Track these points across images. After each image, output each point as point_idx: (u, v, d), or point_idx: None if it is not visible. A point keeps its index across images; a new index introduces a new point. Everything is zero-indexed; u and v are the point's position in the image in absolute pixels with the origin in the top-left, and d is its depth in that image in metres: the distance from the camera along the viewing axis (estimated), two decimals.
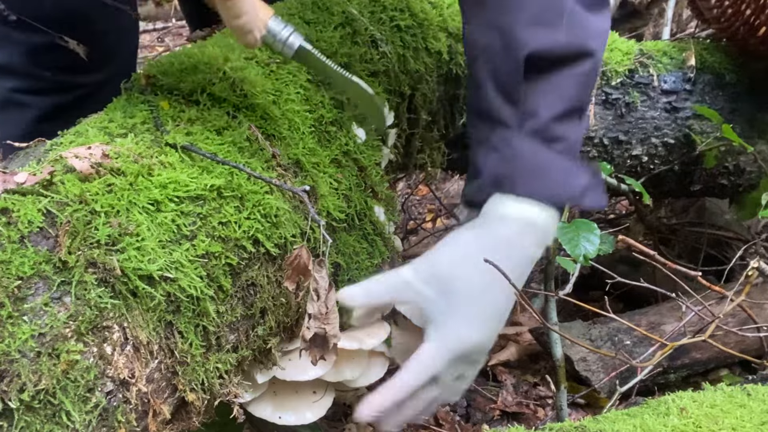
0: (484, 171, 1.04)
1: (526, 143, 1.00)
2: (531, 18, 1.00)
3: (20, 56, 1.40)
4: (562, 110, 1.01)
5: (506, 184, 1.01)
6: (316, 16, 1.23)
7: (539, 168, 1.00)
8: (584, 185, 1.03)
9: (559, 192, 1.01)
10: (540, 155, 1.00)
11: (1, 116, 1.49)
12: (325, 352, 0.96)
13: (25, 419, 0.70)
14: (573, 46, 1.00)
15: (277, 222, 0.96)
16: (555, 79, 1.00)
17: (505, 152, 1.02)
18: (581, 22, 1.00)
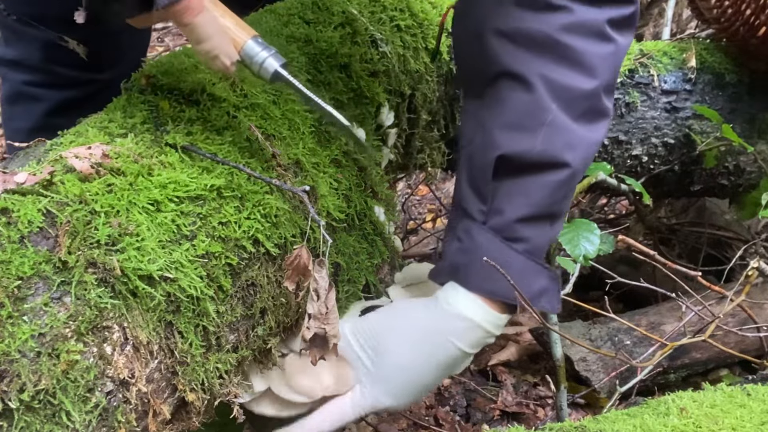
0: (446, 257, 1.07)
1: (487, 239, 1.01)
2: (510, 122, 1.01)
3: (34, 51, 1.41)
4: (528, 213, 1.01)
5: (461, 276, 1.03)
6: (316, 16, 1.23)
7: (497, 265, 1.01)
8: (541, 288, 1.03)
9: (509, 293, 1.01)
10: (499, 253, 1.00)
11: (13, 108, 1.51)
12: (325, 352, 0.96)
13: (25, 419, 0.70)
14: (546, 155, 1.00)
15: (277, 222, 0.96)
16: (524, 183, 1.01)
17: (465, 243, 1.03)
18: (562, 133, 1.00)
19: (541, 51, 0.99)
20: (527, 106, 1.00)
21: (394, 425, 1.64)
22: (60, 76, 1.43)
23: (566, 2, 0.99)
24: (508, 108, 1.01)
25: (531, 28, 0.99)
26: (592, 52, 1.00)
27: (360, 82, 1.20)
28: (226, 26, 0.88)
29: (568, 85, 0.99)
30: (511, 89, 1.01)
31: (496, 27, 1.01)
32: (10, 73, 1.49)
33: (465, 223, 1.04)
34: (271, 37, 1.15)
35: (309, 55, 1.15)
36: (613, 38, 1.01)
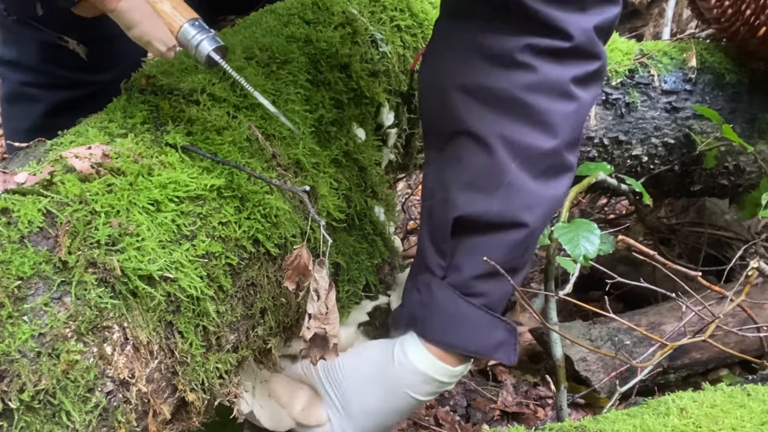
0: (406, 307, 1.09)
1: (446, 294, 1.03)
2: (468, 182, 1.01)
3: (32, 52, 1.41)
4: (486, 270, 1.02)
5: (419, 327, 1.05)
6: (317, 16, 1.23)
7: (453, 319, 1.03)
8: (497, 341, 1.05)
9: (468, 344, 1.04)
10: (456, 307, 1.02)
11: (12, 109, 1.51)
12: (326, 352, 0.96)
13: (25, 419, 0.70)
14: (504, 216, 1.00)
15: (277, 222, 0.96)
16: (482, 242, 1.02)
17: (424, 296, 1.05)
18: (520, 194, 1.00)
19: (503, 109, 0.99)
20: (485, 167, 1.00)
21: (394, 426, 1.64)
22: (58, 78, 1.43)
23: (531, 60, 0.98)
24: (466, 168, 1.02)
25: (494, 85, 1.00)
26: (553, 110, 1.00)
27: (360, 82, 1.20)
28: (161, 10, 0.86)
29: (529, 145, 0.99)
30: (469, 149, 1.01)
31: (460, 82, 1.02)
32: (9, 74, 1.49)
33: (425, 276, 1.06)
34: (271, 37, 1.15)
35: (309, 55, 1.15)
36: (577, 96, 1.01)
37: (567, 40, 0.98)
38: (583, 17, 0.98)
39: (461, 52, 1.03)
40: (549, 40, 0.98)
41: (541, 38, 0.98)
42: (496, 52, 1.00)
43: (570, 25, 0.97)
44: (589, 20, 0.98)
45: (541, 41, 0.98)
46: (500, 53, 0.99)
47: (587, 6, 0.98)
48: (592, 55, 1.00)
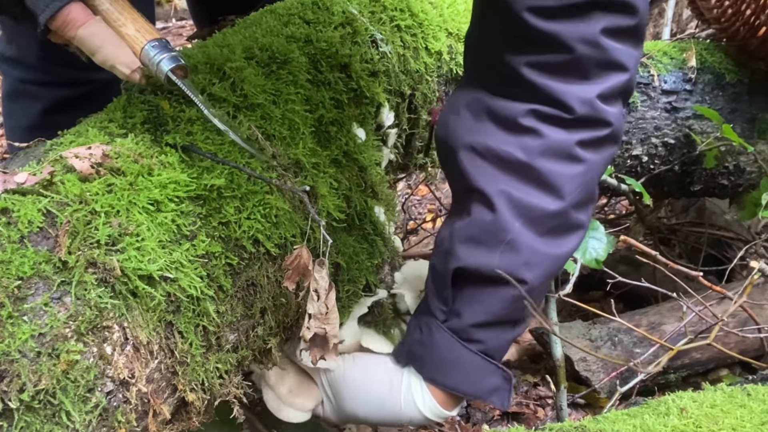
0: (407, 343, 1.12)
1: (444, 337, 1.05)
2: (471, 236, 1.03)
3: (32, 50, 1.42)
4: (484, 320, 1.04)
5: (417, 365, 1.08)
6: (316, 16, 1.23)
7: (449, 361, 1.05)
8: (492, 386, 1.07)
9: (462, 386, 1.07)
10: (452, 351, 1.05)
11: (12, 106, 1.51)
12: (326, 351, 0.96)
13: (25, 419, 0.70)
14: (503, 272, 1.01)
15: (278, 222, 0.96)
16: (481, 294, 1.04)
17: (425, 336, 1.07)
18: (522, 252, 1.01)
19: (509, 170, 1.01)
20: (488, 224, 1.02)
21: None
22: (58, 75, 1.43)
23: (535, 125, 0.99)
24: (471, 222, 1.03)
25: (500, 148, 1.01)
26: (559, 173, 1.00)
27: (360, 82, 1.20)
28: (125, 34, 0.86)
29: (534, 206, 1.00)
30: (476, 205, 1.03)
31: (469, 142, 1.04)
32: (10, 71, 1.49)
33: (427, 318, 1.08)
34: (271, 36, 1.15)
35: (309, 55, 1.15)
36: (583, 158, 1.01)
37: (568, 113, 0.99)
38: (584, 87, 0.98)
39: (473, 111, 1.06)
40: (552, 109, 0.99)
41: (544, 106, 0.99)
42: (503, 115, 1.02)
43: (569, 98, 0.98)
44: (591, 90, 0.98)
45: (545, 109, 0.99)
46: (507, 117, 1.01)
47: (590, 75, 0.98)
48: (598, 122, 1.00)
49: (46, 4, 0.82)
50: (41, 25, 0.82)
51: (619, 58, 0.98)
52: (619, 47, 0.97)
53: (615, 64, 0.98)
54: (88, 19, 0.84)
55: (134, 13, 0.88)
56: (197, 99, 0.89)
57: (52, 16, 0.82)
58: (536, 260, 1.02)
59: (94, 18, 0.85)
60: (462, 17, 1.45)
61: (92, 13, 0.85)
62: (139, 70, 0.87)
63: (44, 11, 0.82)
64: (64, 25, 0.83)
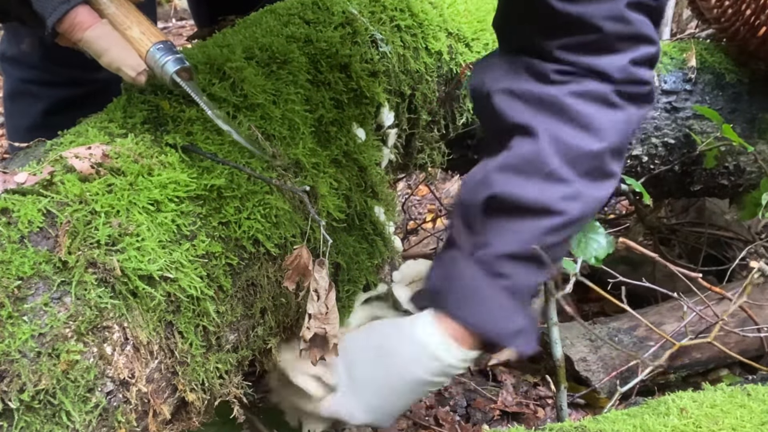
0: (430, 280, 1.10)
1: (470, 268, 1.03)
2: (509, 165, 1.03)
3: (33, 49, 1.42)
4: (514, 251, 1.02)
5: (439, 300, 1.05)
6: (317, 16, 1.23)
7: (473, 295, 1.02)
8: (517, 328, 1.04)
9: (486, 325, 1.02)
10: (479, 284, 1.02)
11: (14, 106, 1.52)
12: (326, 352, 0.96)
13: (25, 419, 0.70)
14: (539, 203, 1.01)
15: (278, 222, 0.96)
16: (514, 223, 1.03)
17: (449, 270, 1.05)
18: (560, 185, 1.02)
19: (549, 111, 1.02)
20: (529, 154, 1.02)
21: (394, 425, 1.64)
22: (59, 75, 1.43)
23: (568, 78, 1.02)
24: (510, 155, 1.04)
25: (540, 90, 1.03)
26: (598, 116, 1.02)
27: (360, 82, 1.20)
28: (130, 36, 0.87)
29: (574, 145, 1.02)
30: (516, 139, 1.04)
31: (507, 87, 1.06)
32: (11, 71, 1.49)
33: (452, 251, 1.06)
34: (271, 37, 1.15)
35: (309, 55, 1.15)
36: (622, 106, 1.03)
37: (608, 81, 1.02)
38: (617, 57, 1.01)
39: (510, 64, 1.08)
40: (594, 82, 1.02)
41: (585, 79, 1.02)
42: (536, 71, 1.04)
43: (607, 68, 1.01)
44: (624, 58, 1.01)
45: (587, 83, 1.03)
46: (539, 72, 1.04)
47: (622, 48, 1.01)
48: (635, 81, 1.03)
49: (54, 7, 0.82)
50: (49, 28, 0.83)
51: (646, 31, 1.01)
52: (644, 20, 1.00)
53: (643, 36, 1.01)
54: (94, 22, 0.85)
55: (140, 15, 0.88)
56: (202, 101, 0.90)
57: (60, 19, 0.83)
58: (574, 195, 1.02)
59: (101, 21, 0.85)
60: (462, 17, 1.45)
61: (99, 17, 0.85)
62: (145, 73, 0.88)
63: (52, 14, 0.82)
64: (71, 28, 0.84)
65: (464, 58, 1.44)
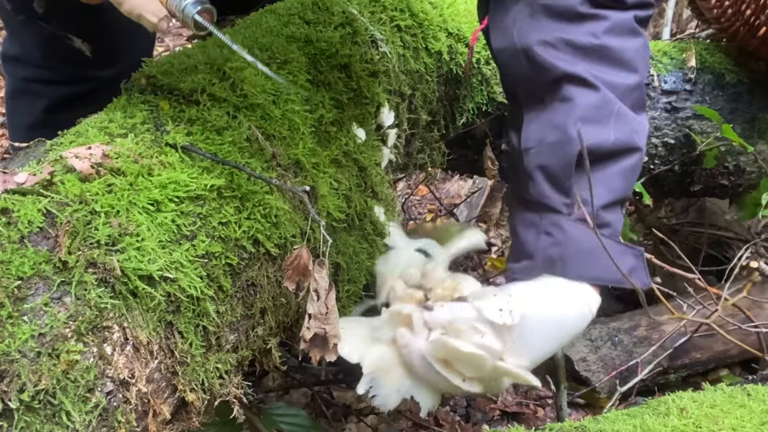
0: (536, 253, 1.10)
1: (578, 229, 1.07)
2: (583, 117, 1.07)
3: (35, 47, 1.42)
4: (609, 200, 1.08)
5: (558, 267, 1.07)
6: (316, 16, 1.23)
7: (590, 251, 1.06)
8: (630, 267, 1.08)
9: (607, 274, 1.06)
10: (590, 240, 1.05)
11: (15, 105, 1.52)
12: (326, 352, 0.96)
13: (25, 419, 0.70)
14: (620, 143, 1.07)
15: (277, 222, 0.96)
16: (603, 172, 1.08)
17: (557, 236, 1.08)
18: (628, 121, 1.08)
19: (585, 55, 1.08)
20: (596, 101, 1.07)
21: (394, 425, 1.64)
22: (60, 73, 1.43)
23: (595, 11, 1.07)
24: (577, 106, 1.07)
25: (571, 37, 1.08)
26: (628, 48, 1.09)
27: (360, 82, 1.20)
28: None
29: (618, 83, 1.08)
30: (575, 89, 1.08)
31: (540, 39, 1.09)
32: (13, 70, 1.49)
33: (551, 218, 1.09)
34: (271, 37, 1.15)
35: (309, 55, 1.15)
36: (641, 33, 1.10)
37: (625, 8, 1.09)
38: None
39: (527, 18, 1.11)
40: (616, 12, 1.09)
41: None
42: (559, 9, 1.08)
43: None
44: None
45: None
46: (564, 9, 1.08)
47: None
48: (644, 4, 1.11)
49: None
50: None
51: None
52: None
53: None
54: None
55: None
56: (225, 37, 0.91)
57: None
58: (639, 128, 1.09)
59: None
60: (462, 17, 1.46)
61: None
62: (166, 19, 0.88)
63: None
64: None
65: (464, 59, 1.44)
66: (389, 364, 1.01)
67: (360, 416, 1.66)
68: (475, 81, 1.49)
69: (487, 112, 1.52)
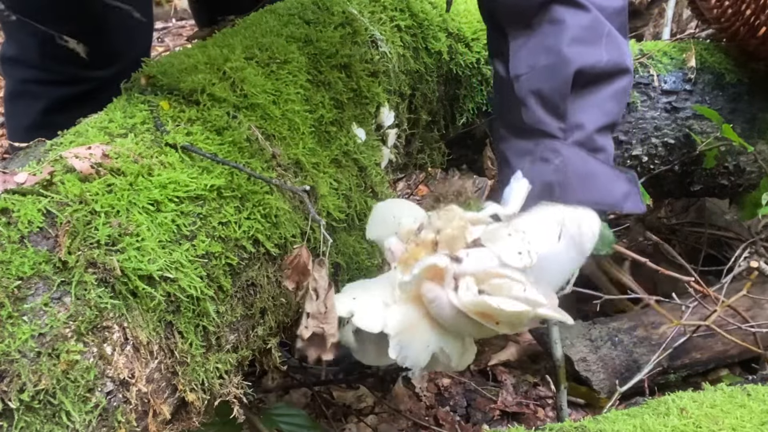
0: (533, 181, 1.08)
1: (575, 153, 1.06)
2: (575, 38, 1.06)
3: (33, 48, 1.42)
4: (603, 123, 1.07)
5: (557, 192, 1.06)
6: (316, 16, 1.23)
7: (587, 175, 1.05)
8: (625, 192, 1.08)
9: (605, 198, 1.06)
10: (587, 164, 1.05)
11: (14, 107, 1.52)
12: (323, 351, 0.96)
13: (25, 419, 0.70)
14: (612, 63, 1.07)
15: (277, 222, 0.96)
16: (596, 95, 1.07)
17: (555, 162, 1.06)
18: (618, 42, 1.08)
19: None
20: (588, 21, 1.07)
21: (394, 425, 1.64)
22: (58, 73, 1.43)
23: None
24: (569, 27, 1.07)
25: None
26: None
27: (360, 82, 1.20)
28: None
29: (606, 5, 1.08)
30: (565, 10, 1.07)
31: None
32: (11, 71, 1.49)
33: (547, 143, 1.07)
34: (271, 37, 1.15)
35: (309, 55, 1.15)
36: None
37: None
38: None
39: None
40: None
41: None
42: None
43: None
44: None
45: None
46: None
47: None
48: None
49: None
50: None
51: None
52: None
53: None
54: None
55: None
56: None
57: None
58: (628, 51, 1.09)
59: None
60: (462, 17, 1.46)
61: None
62: None
63: None
64: None
65: (464, 59, 1.44)
66: (415, 322, 0.97)
67: (360, 416, 1.66)
68: (474, 81, 1.49)
69: (487, 112, 1.52)
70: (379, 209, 1.10)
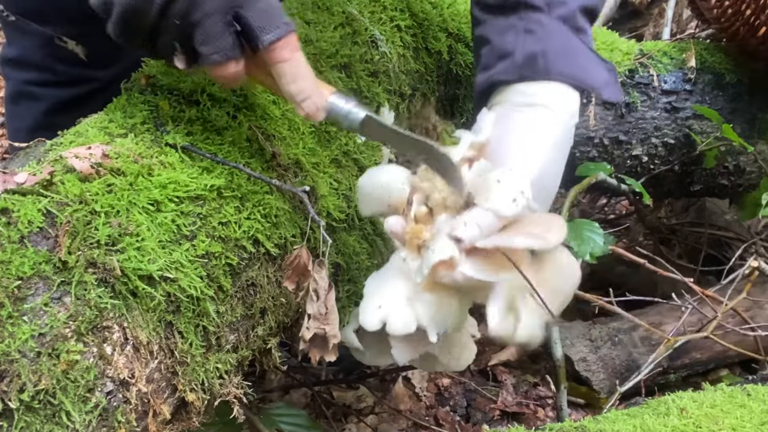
0: (516, 52, 1.06)
1: (559, 26, 1.05)
2: None
3: (34, 49, 1.42)
4: (586, 4, 1.07)
5: (540, 62, 1.04)
6: (316, 16, 1.23)
7: (571, 50, 1.05)
8: (606, 79, 1.07)
9: (586, 79, 1.05)
10: (570, 40, 1.05)
11: (15, 108, 1.51)
12: (325, 352, 0.96)
13: (25, 419, 0.70)
14: None
15: (277, 222, 0.96)
16: None
17: (539, 33, 1.05)
18: None
19: None
20: None
21: (394, 425, 1.64)
22: (59, 74, 1.43)
23: None
24: None
25: None
26: None
27: (360, 82, 1.20)
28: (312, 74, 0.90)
29: None
30: None
31: None
32: (12, 73, 1.49)
33: (532, 16, 1.06)
34: None
35: (309, 55, 1.15)
36: None
37: None
38: None
39: None
40: None
41: None
42: None
43: None
44: None
45: None
46: None
47: None
48: None
49: (278, 25, 0.86)
50: (265, 43, 0.85)
51: None
52: None
53: None
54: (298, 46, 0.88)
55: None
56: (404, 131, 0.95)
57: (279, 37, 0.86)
58: None
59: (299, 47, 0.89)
60: (462, 17, 1.45)
61: None
62: (324, 111, 0.91)
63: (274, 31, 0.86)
64: (285, 46, 0.87)
65: (464, 59, 1.44)
66: (444, 300, 0.97)
67: (360, 416, 1.66)
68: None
69: None
70: (365, 182, 1.07)
